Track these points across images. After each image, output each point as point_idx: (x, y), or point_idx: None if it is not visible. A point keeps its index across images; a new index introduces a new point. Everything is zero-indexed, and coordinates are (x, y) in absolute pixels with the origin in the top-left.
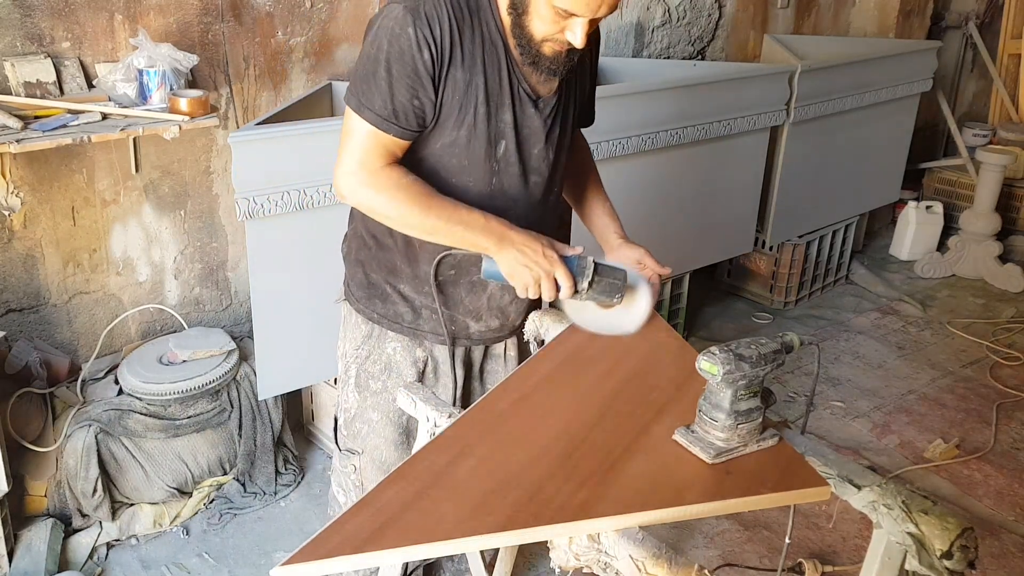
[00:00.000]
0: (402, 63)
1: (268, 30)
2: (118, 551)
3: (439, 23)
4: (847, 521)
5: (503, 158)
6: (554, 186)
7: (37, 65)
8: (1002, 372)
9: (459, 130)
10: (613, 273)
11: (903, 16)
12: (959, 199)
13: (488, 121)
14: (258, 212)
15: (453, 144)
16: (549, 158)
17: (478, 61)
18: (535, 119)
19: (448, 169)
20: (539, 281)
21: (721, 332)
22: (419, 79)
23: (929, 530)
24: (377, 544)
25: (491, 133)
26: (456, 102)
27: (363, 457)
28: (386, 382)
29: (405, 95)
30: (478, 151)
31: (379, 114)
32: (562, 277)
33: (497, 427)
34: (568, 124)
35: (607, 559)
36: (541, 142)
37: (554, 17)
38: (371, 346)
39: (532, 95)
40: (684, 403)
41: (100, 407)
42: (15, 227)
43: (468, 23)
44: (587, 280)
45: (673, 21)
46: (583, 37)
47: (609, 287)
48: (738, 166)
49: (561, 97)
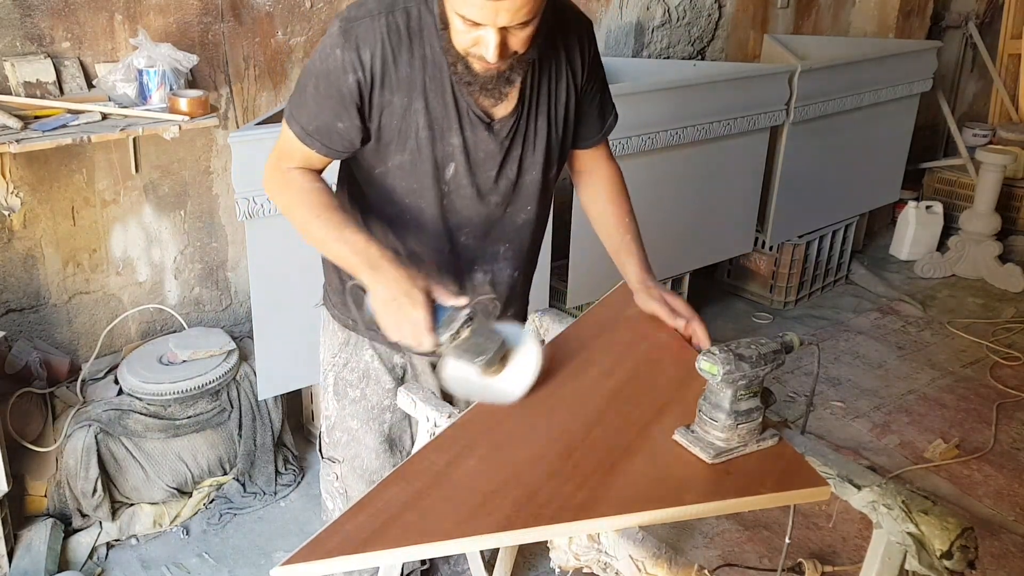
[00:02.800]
0: (328, 83)
1: (268, 30)
2: (118, 551)
3: (370, 46)
4: (847, 521)
5: (452, 180)
6: (525, 205)
7: (37, 65)
8: (1002, 372)
9: (402, 154)
10: (488, 335)
11: (903, 16)
12: (959, 199)
13: (433, 145)
14: (258, 212)
15: (399, 167)
16: (511, 178)
17: (418, 84)
18: (489, 142)
19: (399, 190)
20: (401, 323)
21: (721, 332)
22: (343, 103)
23: (929, 530)
24: (377, 544)
25: (437, 157)
26: (395, 127)
27: (344, 465)
28: (364, 390)
29: (329, 116)
30: (424, 175)
31: (304, 128)
32: (420, 321)
33: (497, 427)
34: (539, 143)
35: (607, 559)
36: (496, 165)
37: (464, 28)
38: (348, 354)
39: (484, 117)
40: (684, 403)
41: (100, 407)
42: (15, 227)
43: (406, 46)
44: (449, 332)
45: (673, 21)
46: (494, 50)
47: (475, 347)
48: (738, 166)
49: (521, 116)
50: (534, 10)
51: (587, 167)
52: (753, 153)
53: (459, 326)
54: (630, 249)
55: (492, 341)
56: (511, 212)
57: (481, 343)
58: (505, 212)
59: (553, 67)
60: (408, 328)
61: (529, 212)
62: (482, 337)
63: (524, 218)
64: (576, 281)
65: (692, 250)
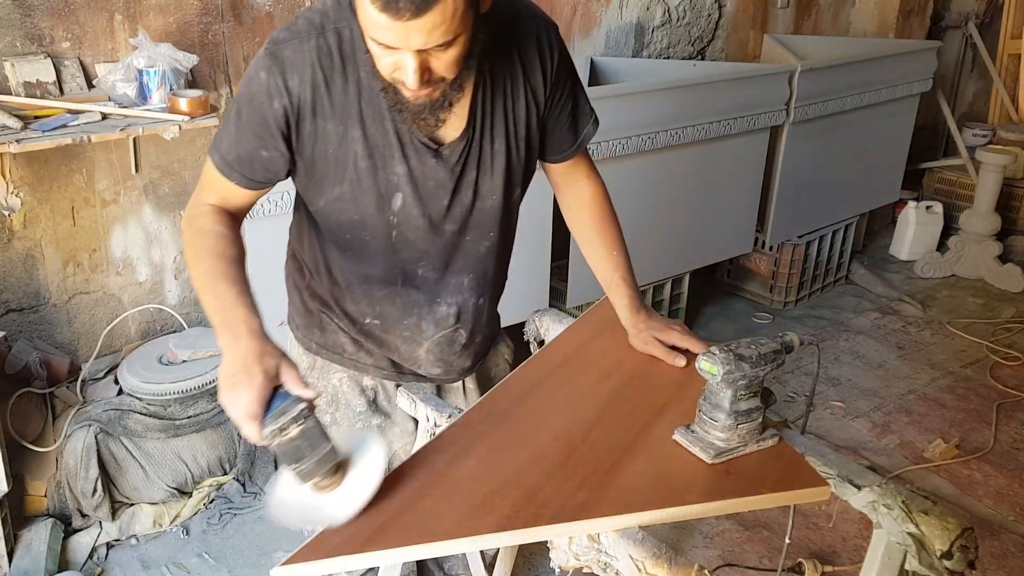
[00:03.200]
0: (251, 109)
1: (268, 30)
2: (118, 551)
3: (299, 71)
4: (847, 521)
5: (400, 211)
6: (486, 232)
7: (37, 65)
8: (1002, 372)
9: (341, 185)
10: (317, 439)
11: (903, 16)
12: (959, 199)
13: (374, 175)
14: (257, 212)
15: (339, 199)
16: (467, 205)
17: (353, 111)
18: (438, 170)
19: (341, 225)
20: (232, 403)
21: (721, 332)
22: (267, 129)
23: (929, 530)
24: (377, 544)
25: (380, 187)
26: (331, 157)
27: None
28: (335, 415)
29: (252, 144)
30: (367, 207)
31: (224, 158)
32: (246, 405)
33: (497, 427)
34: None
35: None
36: (448, 193)
37: (381, 52)
38: (315, 378)
39: (431, 144)
40: (684, 403)
41: (100, 407)
42: (15, 227)
43: (340, 70)
44: (274, 426)
45: (673, 21)
46: (413, 76)
47: (296, 450)
48: (738, 166)
49: (472, 139)
50: (453, 29)
51: (566, 182)
52: (753, 153)
53: (287, 421)
54: (620, 290)
55: (318, 447)
56: (471, 240)
57: (303, 446)
58: (465, 240)
59: (509, 83)
60: (236, 410)
61: (492, 238)
62: (309, 439)
63: (487, 245)
64: (576, 281)
65: (692, 250)
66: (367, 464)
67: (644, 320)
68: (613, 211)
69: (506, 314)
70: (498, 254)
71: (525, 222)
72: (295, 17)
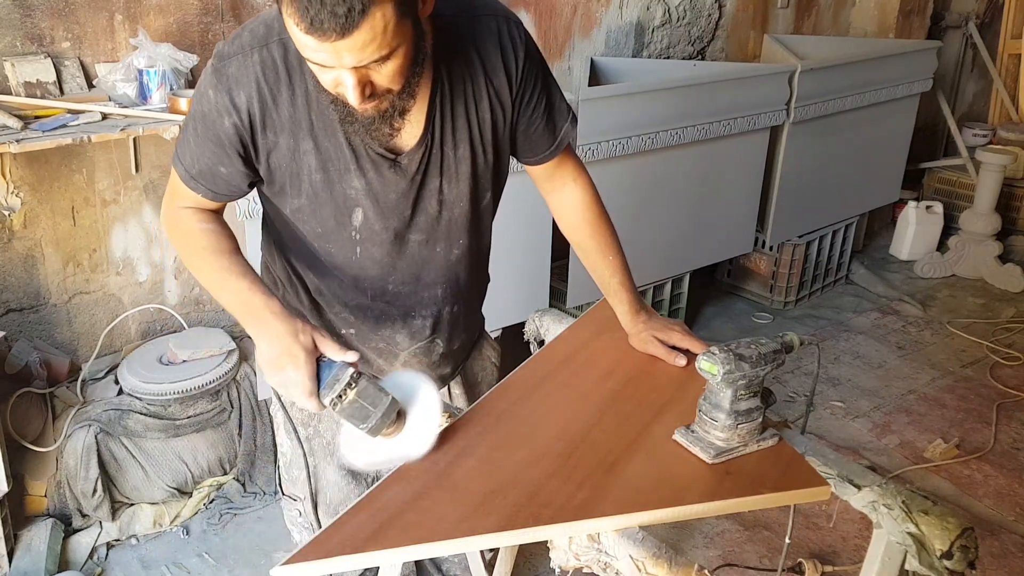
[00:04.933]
0: (205, 127)
1: None
2: (118, 551)
3: (245, 88)
4: (847, 521)
5: (363, 227)
6: (455, 240)
7: (37, 65)
8: (1002, 372)
9: (299, 198)
10: (375, 396)
11: (903, 16)
12: (959, 199)
13: (330, 188)
14: (257, 212)
15: (299, 211)
16: (432, 214)
17: (303, 123)
18: (398, 181)
19: (307, 234)
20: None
21: (721, 332)
22: (222, 148)
23: (929, 530)
24: (377, 544)
25: (337, 201)
26: (287, 169)
27: (307, 502)
28: (317, 426)
29: (211, 160)
30: (327, 220)
31: (188, 171)
32: (301, 383)
33: (497, 427)
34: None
35: (607, 559)
36: (411, 204)
37: (319, 71)
38: None
39: (387, 154)
40: (684, 403)
41: (100, 407)
42: (15, 227)
43: (286, 83)
44: (332, 395)
45: (673, 21)
46: (354, 93)
47: (359, 410)
48: (738, 166)
49: (432, 145)
50: (387, 43)
51: (552, 186)
52: (753, 153)
53: (342, 388)
54: (619, 295)
55: (377, 403)
56: (442, 251)
57: (365, 406)
58: (435, 251)
59: (470, 85)
60: (291, 389)
61: (462, 246)
62: (367, 399)
63: (458, 254)
64: (576, 281)
65: (692, 250)
66: (424, 404)
67: (644, 321)
68: (605, 213)
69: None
70: (470, 262)
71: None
72: (241, 27)
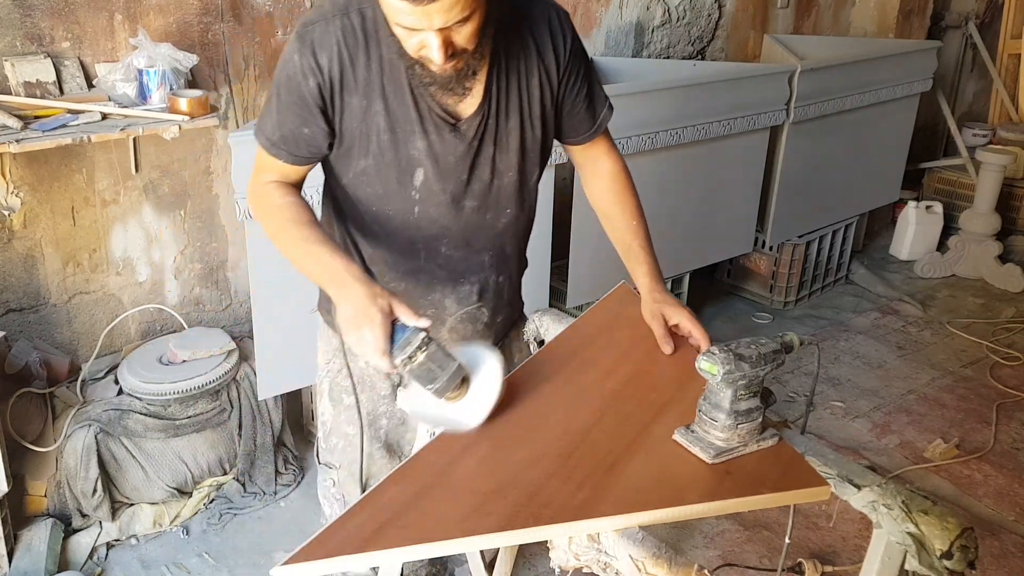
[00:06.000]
0: (289, 90)
1: (268, 30)
2: (118, 551)
3: (327, 50)
4: (847, 521)
5: (422, 187)
6: (504, 208)
7: (37, 65)
8: (1002, 372)
9: (366, 159)
10: (443, 360)
11: (903, 16)
12: (959, 199)
13: (395, 149)
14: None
15: (364, 173)
16: (485, 180)
17: (376, 86)
18: (457, 144)
19: (367, 198)
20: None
21: (721, 332)
22: (307, 107)
23: (929, 530)
24: (377, 544)
25: (401, 161)
26: (356, 129)
27: (341, 471)
28: (359, 396)
29: (294, 122)
30: (390, 181)
31: (269, 139)
32: (375, 343)
33: (497, 427)
34: (512, 143)
35: (607, 559)
36: (467, 168)
37: (406, 35)
38: (342, 359)
39: (449, 119)
40: (684, 403)
41: (100, 407)
42: (15, 227)
43: (363, 48)
44: (403, 356)
45: (673, 21)
46: (439, 52)
47: (428, 372)
48: (738, 166)
49: (488, 115)
50: (468, 6)
51: (587, 162)
52: (753, 153)
53: (413, 350)
54: (639, 258)
55: (445, 367)
56: (491, 218)
57: (434, 369)
58: (485, 218)
59: (523, 63)
60: (365, 347)
61: (509, 215)
62: (436, 362)
63: (504, 222)
64: (576, 281)
65: (692, 250)
66: (487, 374)
67: (660, 292)
68: (633, 186)
69: None
70: (516, 232)
71: None
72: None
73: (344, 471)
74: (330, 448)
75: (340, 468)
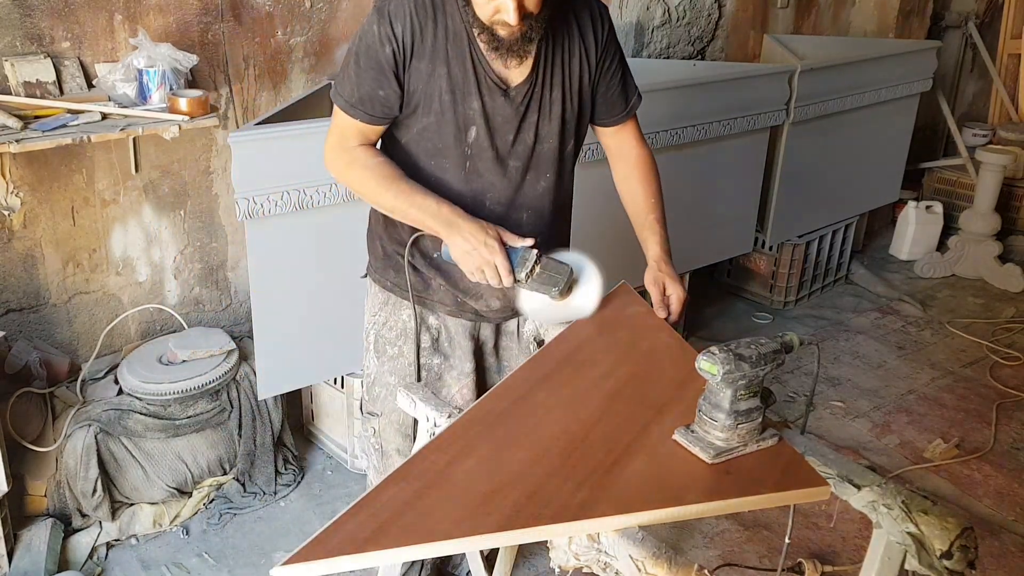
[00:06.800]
0: (367, 57)
1: (268, 30)
2: (118, 551)
3: (401, 20)
4: (847, 521)
5: (475, 143)
6: (543, 172)
7: (37, 65)
8: (1002, 372)
9: (428, 116)
10: (557, 267)
11: (903, 16)
12: (959, 199)
13: (455, 108)
14: (258, 212)
15: (426, 129)
16: (528, 143)
17: (441, 53)
18: (506, 107)
19: (426, 152)
20: (482, 268)
21: (721, 332)
22: (382, 71)
23: (929, 530)
24: (377, 544)
25: (459, 120)
26: (422, 91)
27: (382, 419)
28: (402, 347)
29: (370, 85)
30: (448, 136)
31: (348, 100)
32: (500, 265)
33: (497, 427)
34: (554, 112)
35: (607, 559)
36: (514, 130)
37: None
38: (388, 313)
39: (501, 84)
40: (684, 403)
41: (100, 407)
42: (15, 227)
43: (431, 18)
44: (525, 271)
45: (673, 21)
46: (514, 13)
47: (548, 279)
48: (738, 166)
49: (535, 84)
50: None
51: (616, 146)
52: (753, 153)
53: (531, 266)
54: (653, 228)
55: (561, 272)
56: (530, 179)
57: (552, 275)
58: (524, 179)
59: (567, 42)
60: (489, 271)
61: (548, 179)
62: (552, 270)
63: (544, 185)
64: None
65: (692, 250)
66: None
67: (666, 263)
68: (657, 174)
69: None
70: (554, 197)
71: None
72: None
73: (385, 419)
74: (372, 398)
75: (382, 416)
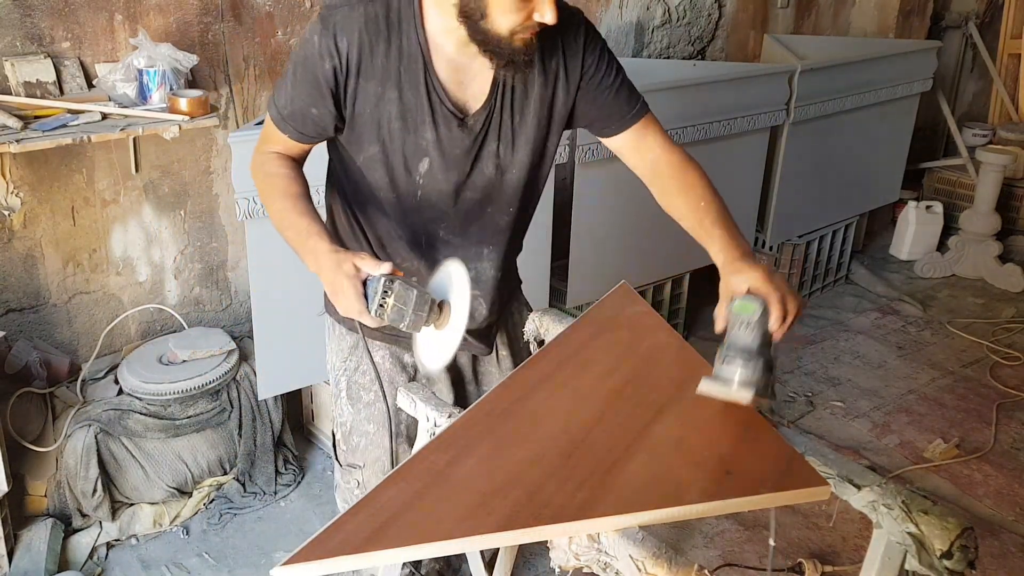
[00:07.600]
0: (305, 69)
1: (268, 30)
2: (118, 551)
3: (348, 35)
4: (847, 521)
5: (427, 174)
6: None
7: (37, 65)
8: (1002, 372)
9: (376, 144)
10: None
11: (903, 16)
12: (959, 199)
13: (404, 137)
14: (258, 212)
15: (373, 158)
16: (488, 175)
17: (393, 75)
18: (462, 139)
19: (375, 183)
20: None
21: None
22: (318, 88)
23: (929, 530)
24: (377, 544)
25: (409, 150)
26: (369, 115)
27: (365, 471)
28: (378, 392)
29: (304, 101)
30: (398, 166)
31: (280, 112)
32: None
33: (497, 427)
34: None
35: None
36: (471, 161)
37: (519, 7)
38: (358, 357)
39: (457, 113)
40: (684, 403)
41: (100, 407)
42: (15, 227)
43: (384, 37)
44: (376, 304)
45: (673, 21)
46: (552, 10)
47: (398, 312)
48: (738, 166)
49: (494, 109)
50: None
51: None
52: (753, 153)
53: (380, 299)
54: (710, 233)
55: (409, 300)
56: (492, 212)
57: (402, 308)
58: (485, 212)
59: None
60: (351, 312)
61: (511, 214)
62: (401, 300)
63: (506, 220)
64: (576, 281)
65: (692, 250)
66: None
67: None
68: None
69: None
70: (515, 231)
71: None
72: None
73: (369, 469)
74: (352, 448)
75: (365, 467)
